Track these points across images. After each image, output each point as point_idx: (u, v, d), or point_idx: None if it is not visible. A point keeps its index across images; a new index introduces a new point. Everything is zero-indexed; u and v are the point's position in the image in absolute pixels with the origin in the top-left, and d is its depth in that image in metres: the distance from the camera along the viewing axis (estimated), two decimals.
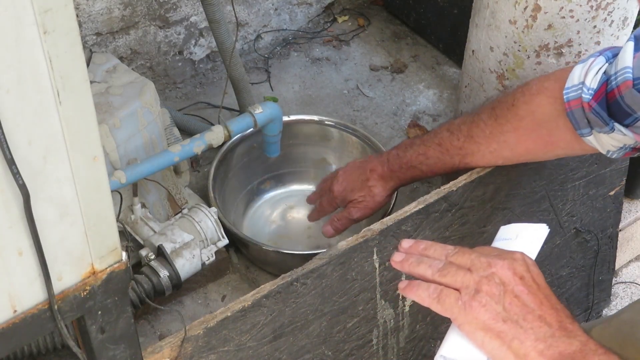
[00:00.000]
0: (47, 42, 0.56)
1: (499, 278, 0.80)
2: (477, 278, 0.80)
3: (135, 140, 1.26)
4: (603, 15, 1.14)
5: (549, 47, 1.17)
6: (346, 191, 1.33)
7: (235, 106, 1.68)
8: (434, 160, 1.21)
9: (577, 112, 1.01)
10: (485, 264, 0.81)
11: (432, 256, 0.86)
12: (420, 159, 1.22)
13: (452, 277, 0.82)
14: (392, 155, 1.27)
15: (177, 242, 1.24)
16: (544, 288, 0.82)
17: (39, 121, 0.59)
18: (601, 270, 1.49)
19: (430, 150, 1.21)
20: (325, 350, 1.11)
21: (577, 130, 1.03)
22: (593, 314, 1.52)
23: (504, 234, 0.92)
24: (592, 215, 1.40)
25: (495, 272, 0.81)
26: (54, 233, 0.65)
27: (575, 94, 1.01)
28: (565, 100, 1.02)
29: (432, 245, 0.88)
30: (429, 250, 0.87)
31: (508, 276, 0.80)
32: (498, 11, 1.19)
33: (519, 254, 0.83)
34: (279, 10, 1.94)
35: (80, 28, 1.59)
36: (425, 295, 0.83)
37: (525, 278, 0.81)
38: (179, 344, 0.95)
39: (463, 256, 0.84)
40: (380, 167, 1.29)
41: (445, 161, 1.20)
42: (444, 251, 0.86)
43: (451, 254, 0.85)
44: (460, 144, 1.17)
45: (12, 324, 0.67)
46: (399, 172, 1.26)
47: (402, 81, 1.90)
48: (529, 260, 0.83)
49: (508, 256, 0.83)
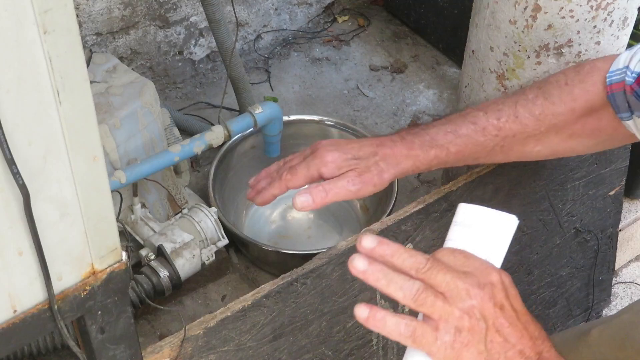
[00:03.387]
0: (47, 42, 0.56)
1: (480, 312, 0.74)
2: (457, 313, 0.73)
3: (135, 140, 1.26)
4: (603, 15, 1.14)
5: (549, 47, 1.17)
6: (342, 159, 1.02)
7: (235, 106, 1.68)
8: (465, 140, 1.03)
9: (619, 95, 1.00)
10: (464, 293, 0.74)
11: (400, 267, 0.76)
12: (449, 137, 1.03)
13: (429, 308, 0.74)
14: (408, 133, 1.04)
15: (177, 242, 1.24)
16: (522, 314, 0.77)
17: (39, 121, 0.59)
18: (601, 270, 1.49)
19: (463, 127, 1.03)
20: (325, 350, 1.11)
21: (618, 114, 1.01)
22: (593, 314, 1.52)
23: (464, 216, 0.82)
24: (592, 215, 1.40)
25: (475, 305, 0.74)
26: (54, 233, 0.65)
27: (619, 77, 1.00)
28: (608, 84, 1.01)
29: (399, 251, 0.76)
30: (396, 257, 0.76)
31: (489, 309, 0.74)
32: (498, 11, 1.19)
33: (495, 275, 0.76)
34: (279, 10, 1.94)
35: (80, 28, 1.59)
36: (396, 333, 0.74)
37: (505, 307, 0.75)
38: (179, 344, 0.95)
39: (437, 276, 0.74)
40: (390, 143, 1.03)
41: (477, 143, 1.03)
42: (414, 263, 0.75)
43: (423, 269, 0.75)
44: (501, 124, 1.03)
45: (12, 324, 0.67)
46: (419, 150, 1.02)
47: (402, 81, 1.90)
48: (506, 280, 0.77)
49: (486, 281, 0.75)
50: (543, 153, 1.08)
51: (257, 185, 1.08)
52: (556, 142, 1.06)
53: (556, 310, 1.44)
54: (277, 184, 1.04)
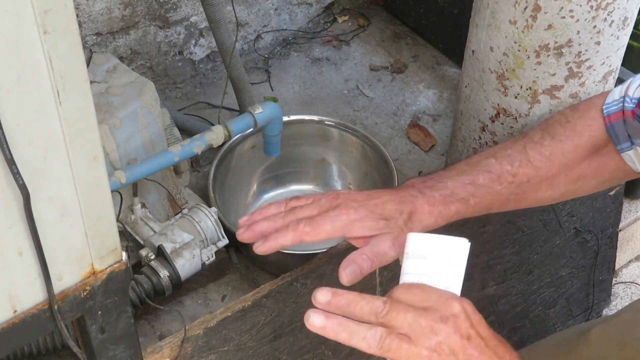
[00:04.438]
0: (47, 42, 0.56)
1: (447, 347, 0.73)
2: (425, 352, 0.73)
3: (135, 140, 1.26)
4: (603, 15, 1.14)
5: (549, 47, 1.17)
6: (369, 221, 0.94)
7: (235, 106, 1.68)
8: (483, 190, 1.00)
9: (618, 125, 1.01)
10: (428, 331, 0.73)
11: (359, 316, 0.75)
12: (468, 189, 0.98)
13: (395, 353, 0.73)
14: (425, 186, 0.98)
15: (177, 242, 1.24)
16: (489, 339, 0.76)
17: (39, 121, 0.59)
18: (601, 270, 1.49)
19: (480, 177, 1.00)
20: (325, 350, 1.11)
21: (617, 145, 1.01)
22: (593, 314, 1.52)
23: (416, 247, 0.80)
24: (592, 215, 1.40)
25: (441, 341, 0.73)
26: (54, 233, 0.65)
27: (616, 107, 1.01)
28: (605, 115, 1.01)
29: (355, 300, 0.76)
30: (353, 306, 0.75)
31: (456, 342, 0.74)
32: (498, 11, 1.19)
33: (457, 306, 0.75)
34: (279, 10, 1.94)
35: (80, 28, 1.59)
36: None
37: (472, 337, 0.75)
38: (179, 344, 0.95)
39: (397, 318, 0.74)
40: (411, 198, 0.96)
41: (495, 192, 1.00)
42: (372, 309, 0.75)
43: (382, 313, 0.74)
44: (515, 170, 1.01)
45: (12, 324, 0.67)
46: (441, 206, 0.96)
47: (402, 81, 1.90)
48: (468, 308, 0.76)
49: (448, 313, 0.74)
50: (553, 197, 1.06)
51: (254, 228, 0.95)
52: (565, 185, 1.04)
53: (556, 310, 1.44)
54: (291, 235, 0.92)
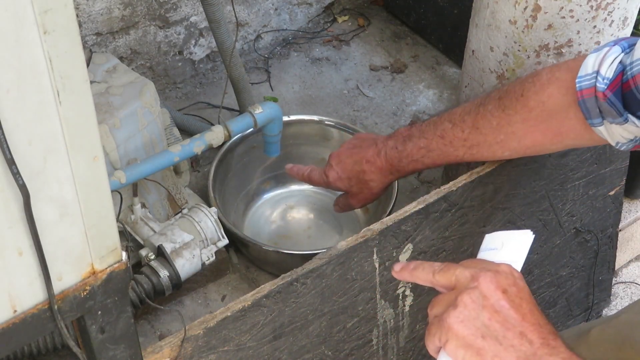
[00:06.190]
0: (47, 42, 0.56)
1: (479, 292, 0.78)
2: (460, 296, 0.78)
3: (135, 140, 1.26)
4: (603, 15, 1.14)
5: (549, 47, 1.17)
6: (341, 180, 1.29)
7: (235, 106, 1.68)
8: (436, 153, 1.18)
9: (589, 101, 0.99)
10: (469, 278, 0.79)
11: (419, 277, 0.85)
12: (422, 152, 1.19)
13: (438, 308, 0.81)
14: (389, 148, 1.23)
15: (177, 242, 1.24)
16: (528, 302, 0.79)
17: (39, 121, 0.59)
18: (601, 270, 1.49)
19: (433, 142, 1.18)
20: (325, 350, 1.11)
21: (588, 120, 1.01)
22: (593, 314, 1.52)
23: (489, 243, 0.90)
24: (592, 215, 1.40)
25: (477, 285, 0.78)
26: (54, 233, 0.65)
27: (589, 82, 0.99)
28: (578, 89, 1.00)
29: (419, 265, 0.86)
30: (417, 270, 0.86)
31: (490, 289, 0.78)
32: (498, 11, 1.19)
33: (505, 266, 0.81)
34: (279, 10, 1.94)
35: (80, 28, 1.59)
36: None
37: (509, 292, 0.78)
38: (179, 344, 0.95)
39: (447, 272, 0.82)
40: (377, 159, 1.24)
41: (448, 153, 1.17)
42: (430, 269, 0.84)
43: (437, 270, 0.83)
44: (465, 136, 1.14)
45: (12, 324, 0.67)
46: (398, 165, 1.23)
47: (402, 81, 1.90)
48: (516, 274, 0.81)
49: (492, 268, 0.80)
50: (511, 155, 1.16)
51: None
52: (519, 148, 1.13)
53: (556, 310, 1.44)
54: None
